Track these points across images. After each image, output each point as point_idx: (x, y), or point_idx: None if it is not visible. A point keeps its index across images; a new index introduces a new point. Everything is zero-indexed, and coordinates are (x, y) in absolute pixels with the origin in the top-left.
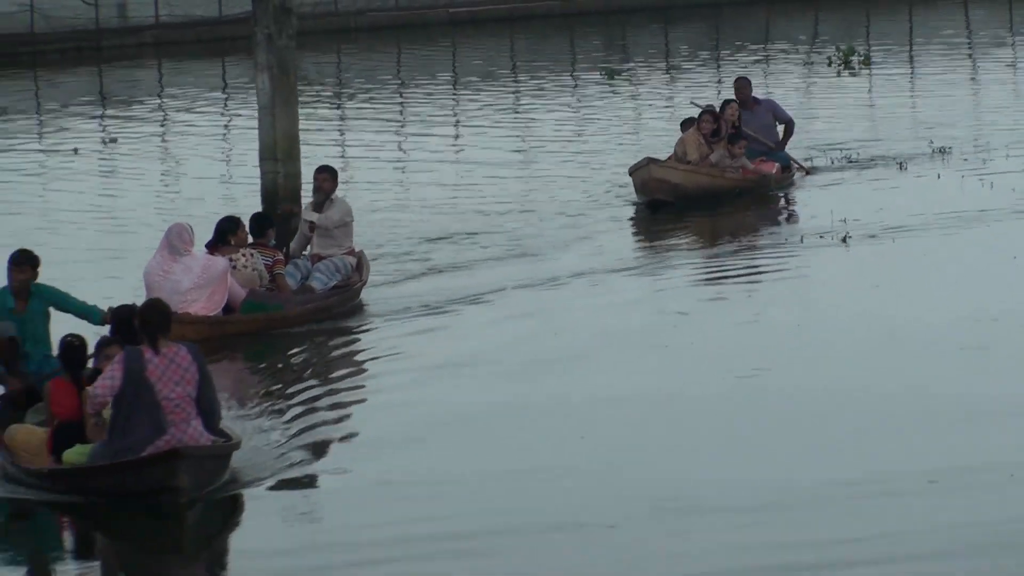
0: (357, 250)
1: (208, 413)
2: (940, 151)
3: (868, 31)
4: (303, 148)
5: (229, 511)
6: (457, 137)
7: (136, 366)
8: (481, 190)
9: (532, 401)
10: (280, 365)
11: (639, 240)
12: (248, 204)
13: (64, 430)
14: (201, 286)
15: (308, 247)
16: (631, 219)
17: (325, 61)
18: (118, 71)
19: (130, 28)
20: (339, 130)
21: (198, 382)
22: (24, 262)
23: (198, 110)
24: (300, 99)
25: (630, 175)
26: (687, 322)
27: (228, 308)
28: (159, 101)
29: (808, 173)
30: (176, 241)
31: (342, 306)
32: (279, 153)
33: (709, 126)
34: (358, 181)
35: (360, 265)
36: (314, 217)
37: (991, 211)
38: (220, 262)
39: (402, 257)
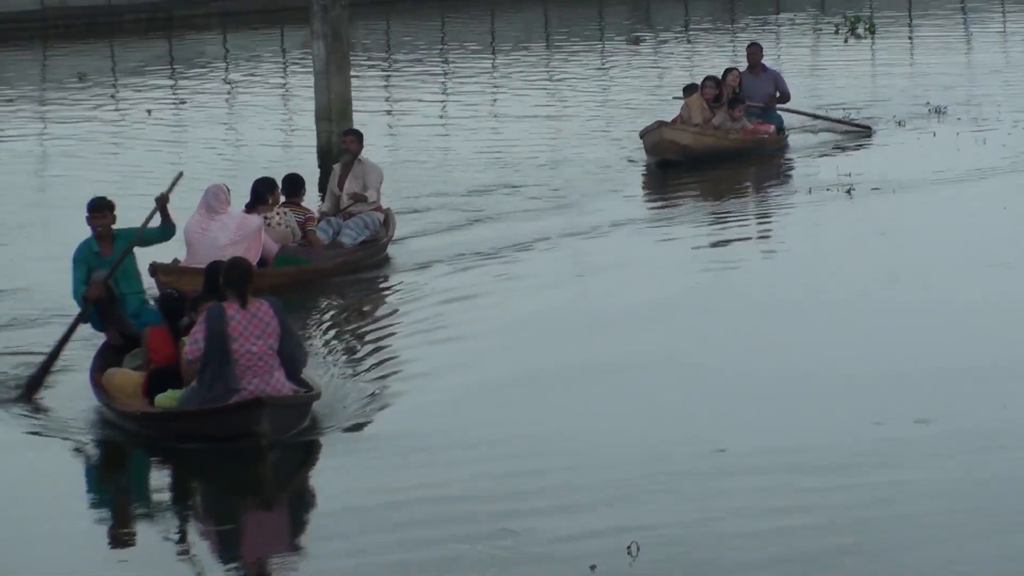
0: (385, 207)
1: (289, 364)
2: (936, 110)
3: (871, 2)
4: (355, 109)
5: (306, 454)
6: (495, 99)
7: (218, 324)
8: (515, 147)
9: (581, 353)
10: (340, 314)
11: (662, 195)
12: (305, 161)
13: (159, 375)
14: (237, 242)
15: (339, 207)
16: (647, 176)
17: (375, 29)
18: (187, 40)
19: (197, 0)
20: (387, 92)
21: (279, 335)
22: (103, 207)
23: (259, 75)
24: (352, 64)
25: (641, 137)
26: (723, 264)
27: (262, 262)
28: (224, 67)
29: (864, 130)
30: (213, 201)
31: (369, 259)
32: (333, 114)
33: (712, 92)
34: (405, 137)
35: (387, 221)
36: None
37: (983, 165)
38: (254, 220)
39: (446, 208)
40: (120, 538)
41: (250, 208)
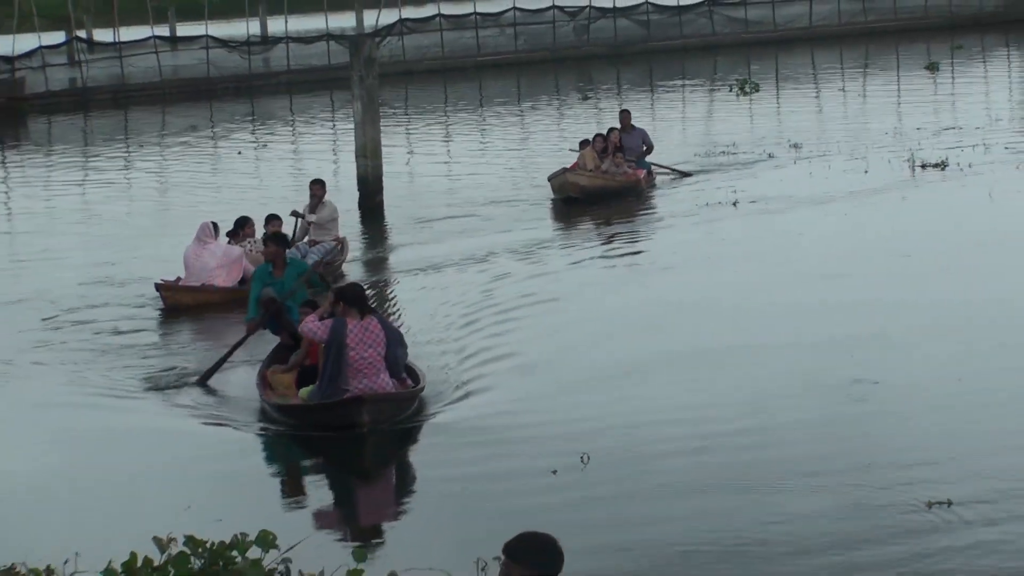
0: (341, 236)
1: (393, 366)
2: (795, 146)
3: (749, 69)
4: (384, 149)
5: (403, 439)
6: (483, 143)
7: (339, 333)
8: (487, 178)
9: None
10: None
11: (588, 220)
12: (347, 187)
13: (306, 371)
14: (222, 265)
15: (306, 236)
16: (558, 209)
17: (398, 91)
18: (263, 100)
19: (271, 73)
20: (406, 137)
21: (385, 344)
22: (282, 243)
23: (316, 124)
24: (380, 116)
25: (548, 181)
26: (653, 254)
27: (243, 281)
28: (291, 120)
29: (685, 175)
30: (202, 234)
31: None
32: (368, 152)
33: (601, 145)
34: (418, 168)
35: (343, 248)
36: (312, 218)
37: (830, 187)
38: (236, 249)
39: (449, 218)
40: (260, 503)
41: (231, 236)
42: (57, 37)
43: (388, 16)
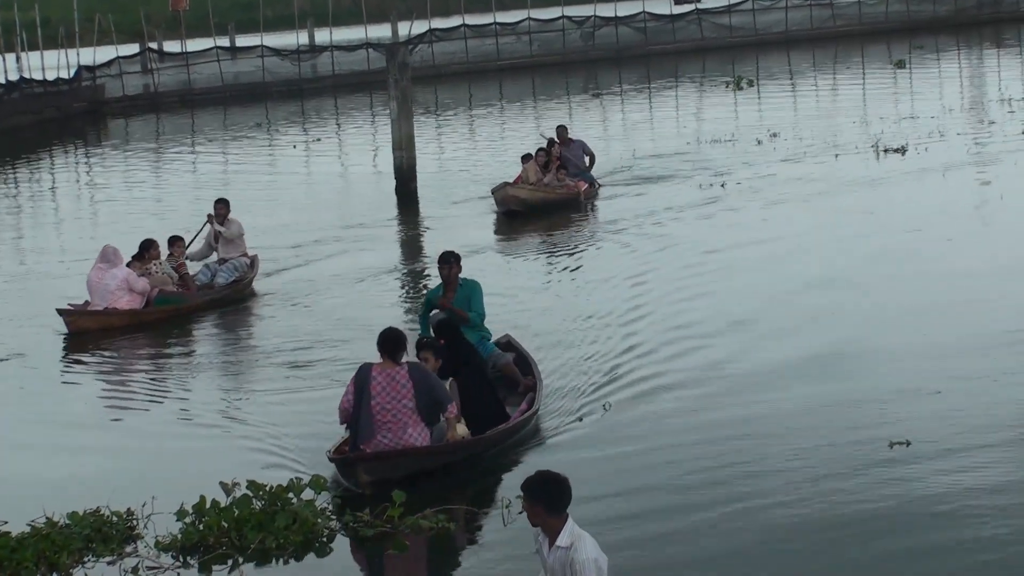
0: (251, 253)
1: (426, 415)
2: (773, 135)
3: (734, 69)
4: (416, 142)
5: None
6: (503, 135)
7: (363, 380)
8: (508, 166)
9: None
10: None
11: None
12: (385, 176)
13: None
14: (122, 288)
15: (214, 253)
16: (497, 220)
17: (427, 92)
18: (312, 101)
19: (319, 77)
20: (436, 131)
21: (414, 395)
22: (452, 260)
23: (358, 122)
24: (413, 113)
25: (492, 194)
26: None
27: (146, 303)
28: (336, 117)
29: (597, 186)
30: (107, 258)
31: (237, 295)
32: (403, 145)
33: (543, 159)
34: (445, 157)
35: (253, 264)
36: (221, 229)
37: (806, 171)
38: (141, 282)
39: (472, 199)
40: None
41: (137, 258)
42: (132, 48)
43: (419, 26)
